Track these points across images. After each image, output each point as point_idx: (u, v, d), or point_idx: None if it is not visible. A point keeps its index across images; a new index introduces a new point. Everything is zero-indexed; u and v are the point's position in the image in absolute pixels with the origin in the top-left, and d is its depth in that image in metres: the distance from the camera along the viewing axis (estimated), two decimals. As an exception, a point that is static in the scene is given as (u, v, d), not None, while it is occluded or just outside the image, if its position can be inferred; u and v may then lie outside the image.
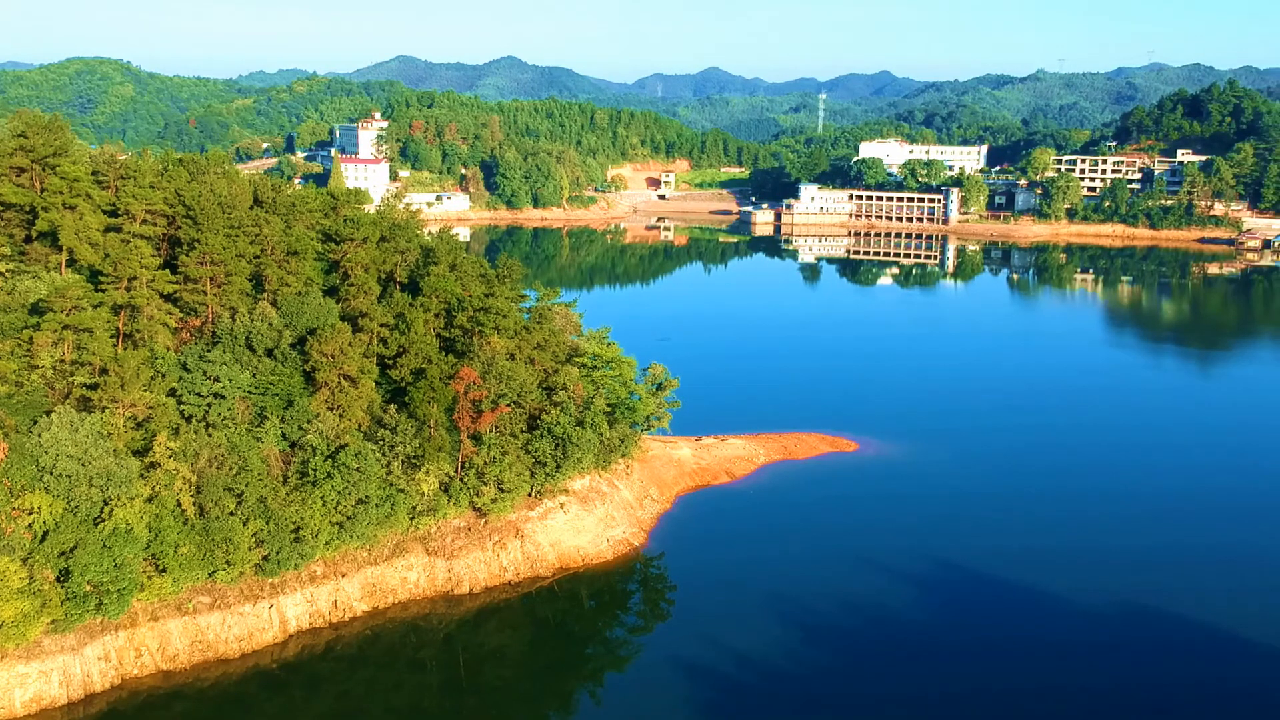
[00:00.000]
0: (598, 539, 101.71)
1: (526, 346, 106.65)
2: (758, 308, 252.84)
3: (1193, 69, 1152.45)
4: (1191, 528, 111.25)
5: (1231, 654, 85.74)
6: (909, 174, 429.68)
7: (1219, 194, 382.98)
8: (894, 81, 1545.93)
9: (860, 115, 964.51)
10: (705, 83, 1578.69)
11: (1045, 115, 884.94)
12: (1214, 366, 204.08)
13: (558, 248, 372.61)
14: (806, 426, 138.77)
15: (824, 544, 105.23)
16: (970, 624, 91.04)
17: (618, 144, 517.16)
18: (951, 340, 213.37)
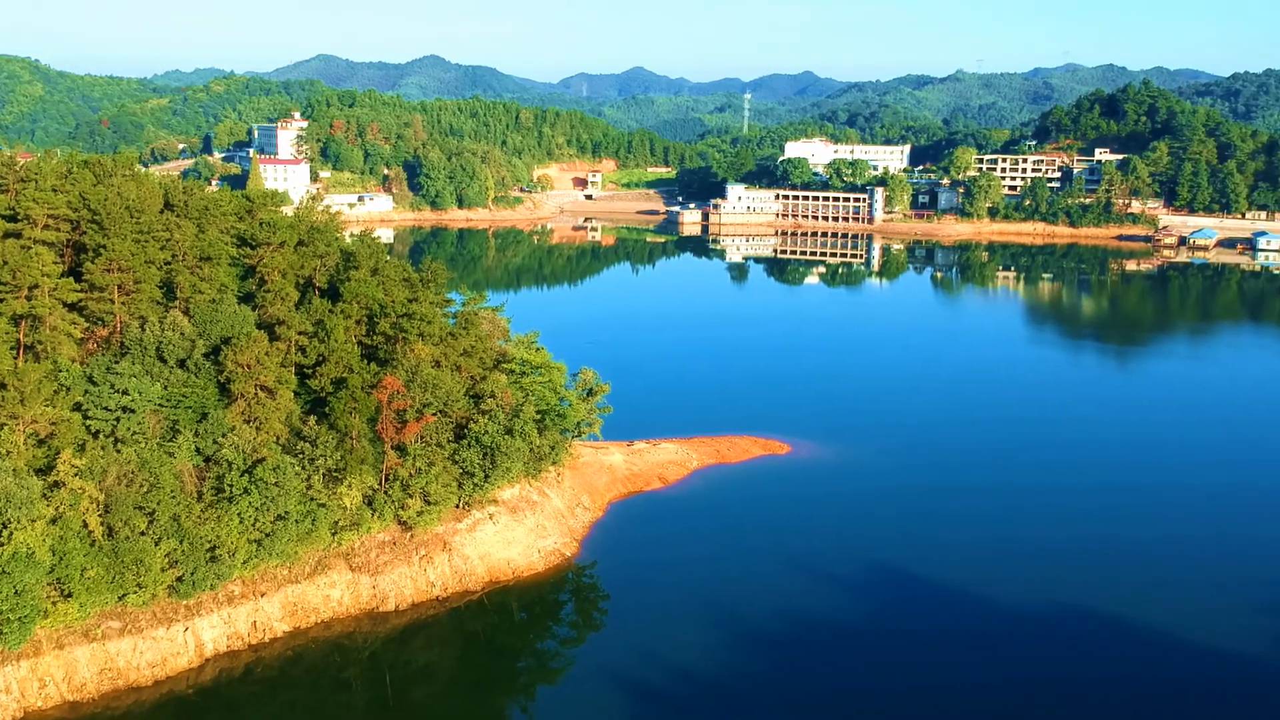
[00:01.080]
0: (528, 550, 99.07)
1: (452, 353, 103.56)
2: (687, 309, 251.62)
3: (1106, 69, 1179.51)
4: (1116, 521, 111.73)
5: (1154, 646, 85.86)
6: (834, 174, 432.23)
7: (1136, 192, 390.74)
8: (817, 81, 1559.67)
9: (785, 115, 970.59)
10: (630, 82, 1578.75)
11: (965, 115, 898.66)
12: (1133, 362, 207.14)
13: (484, 249, 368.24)
14: (739, 429, 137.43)
15: (758, 550, 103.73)
16: (905, 625, 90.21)
17: (543, 144, 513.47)
18: (880, 340, 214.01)
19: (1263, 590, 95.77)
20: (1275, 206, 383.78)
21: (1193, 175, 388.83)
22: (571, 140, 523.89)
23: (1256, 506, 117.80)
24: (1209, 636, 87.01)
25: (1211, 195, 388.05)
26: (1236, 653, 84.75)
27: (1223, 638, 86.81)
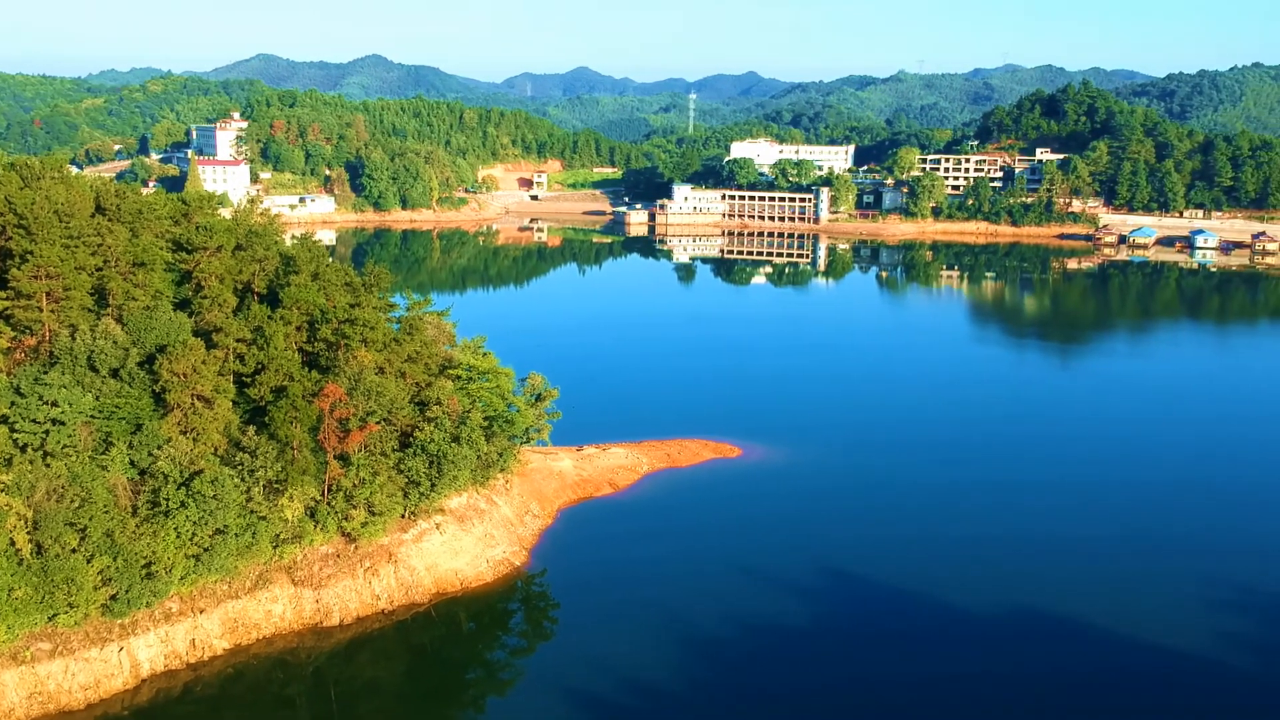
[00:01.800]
0: (477, 560, 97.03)
1: (396, 359, 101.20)
2: (636, 310, 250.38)
3: (1045, 70, 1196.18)
4: (1064, 518, 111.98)
5: (1101, 642, 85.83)
6: (780, 174, 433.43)
7: (1077, 191, 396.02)
8: (761, 82, 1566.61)
9: (729, 115, 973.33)
10: (575, 82, 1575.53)
11: (908, 115, 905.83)
12: (1075, 360, 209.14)
13: (428, 250, 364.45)
14: (689, 432, 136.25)
15: (710, 555, 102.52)
16: (857, 627, 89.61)
17: (488, 144, 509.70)
18: (827, 340, 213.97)
19: (1207, 587, 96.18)
20: (1212, 205, 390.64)
21: (1132, 175, 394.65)
22: (516, 140, 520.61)
23: (1200, 502, 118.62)
24: (1155, 633, 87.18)
25: (1150, 194, 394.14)
26: (1181, 649, 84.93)
27: (1169, 634, 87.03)
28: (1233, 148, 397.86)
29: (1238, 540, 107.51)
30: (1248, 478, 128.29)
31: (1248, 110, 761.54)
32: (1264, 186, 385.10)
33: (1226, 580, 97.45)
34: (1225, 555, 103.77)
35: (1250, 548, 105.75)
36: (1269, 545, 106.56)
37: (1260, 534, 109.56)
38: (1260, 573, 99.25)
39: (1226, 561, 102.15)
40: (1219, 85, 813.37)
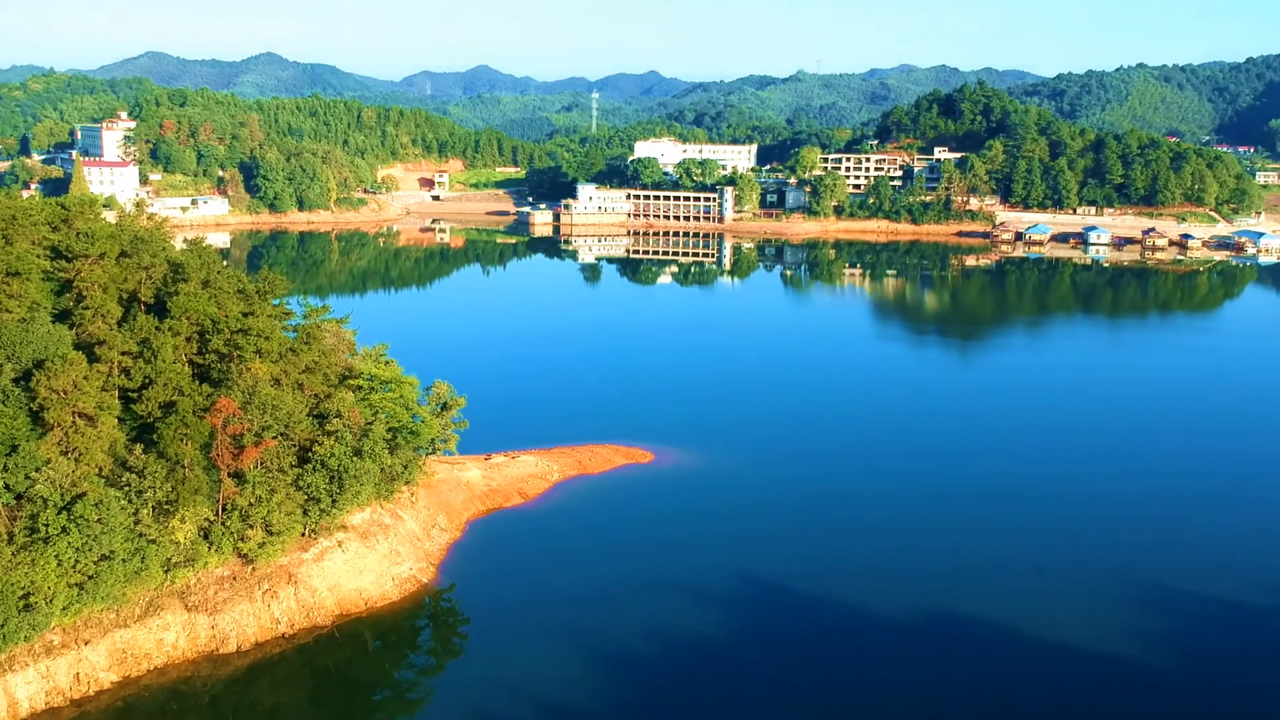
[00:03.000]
0: (382, 578, 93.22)
1: (293, 370, 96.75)
2: (541, 312, 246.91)
3: (939, 70, 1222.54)
4: (974, 520, 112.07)
5: (1021, 648, 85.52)
6: (684, 173, 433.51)
7: (974, 189, 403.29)
8: (662, 81, 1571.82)
9: (632, 115, 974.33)
10: (475, 81, 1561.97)
11: (807, 114, 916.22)
12: (975, 356, 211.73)
13: (326, 253, 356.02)
14: (600, 437, 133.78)
15: (623, 566, 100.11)
16: (775, 638, 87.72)
17: (387, 143, 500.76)
18: (734, 340, 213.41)
19: (1127, 588, 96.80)
20: (1104, 202, 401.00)
21: (1027, 173, 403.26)
22: (416, 140, 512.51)
23: (1113, 500, 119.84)
24: (1076, 635, 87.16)
25: (1045, 192, 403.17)
26: (1102, 651, 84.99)
27: (1088, 636, 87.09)
28: (1123, 146, 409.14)
29: (1155, 538, 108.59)
30: (1154, 473, 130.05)
31: (1133, 109, 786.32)
32: (1152, 183, 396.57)
33: (1147, 580, 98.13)
34: (1142, 553, 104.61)
35: (1166, 545, 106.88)
36: (1185, 541, 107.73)
37: (1174, 530, 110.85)
38: (1177, 571, 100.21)
39: (1145, 560, 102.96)
40: (1106, 85, 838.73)
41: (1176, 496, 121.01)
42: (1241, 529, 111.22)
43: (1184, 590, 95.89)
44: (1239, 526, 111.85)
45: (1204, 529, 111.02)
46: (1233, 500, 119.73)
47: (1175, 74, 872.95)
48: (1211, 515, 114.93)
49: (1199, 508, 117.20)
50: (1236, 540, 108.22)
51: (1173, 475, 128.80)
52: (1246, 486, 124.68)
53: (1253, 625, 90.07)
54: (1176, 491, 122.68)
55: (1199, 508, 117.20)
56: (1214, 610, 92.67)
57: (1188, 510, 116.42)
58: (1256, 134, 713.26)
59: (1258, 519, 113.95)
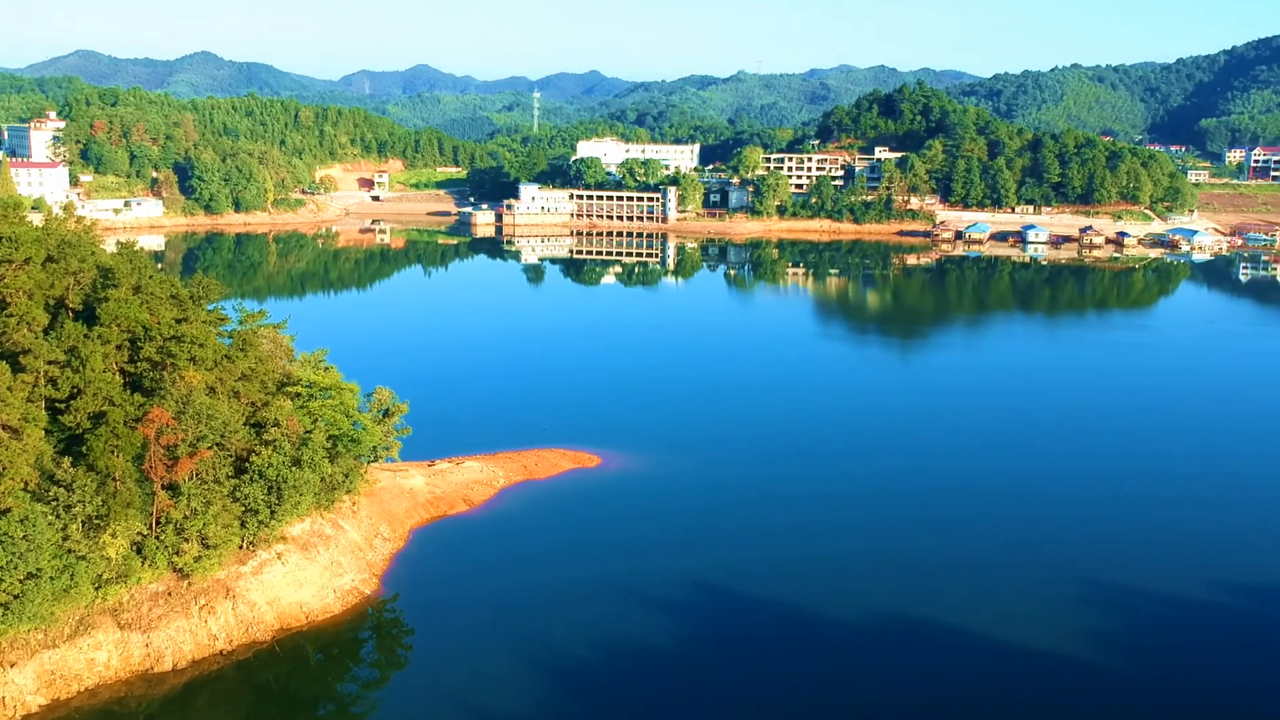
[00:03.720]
0: (323, 590, 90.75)
1: (229, 378, 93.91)
2: (484, 314, 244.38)
3: (878, 70, 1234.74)
4: (925, 521, 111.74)
5: (970, 649, 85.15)
6: (627, 173, 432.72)
7: (914, 189, 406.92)
8: (604, 81, 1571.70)
9: (574, 114, 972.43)
10: (415, 80, 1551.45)
11: (749, 115, 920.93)
12: (917, 355, 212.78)
13: (264, 255, 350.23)
14: (546, 441, 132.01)
15: (572, 573, 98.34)
16: (725, 645, 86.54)
17: (326, 143, 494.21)
18: (679, 341, 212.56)
19: (1077, 586, 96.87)
20: (1041, 201, 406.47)
21: (966, 172, 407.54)
22: (355, 140, 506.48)
23: (1061, 497, 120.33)
24: (1029, 637, 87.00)
25: (984, 191, 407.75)
26: (1053, 653, 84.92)
27: (1041, 638, 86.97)
28: (1059, 145, 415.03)
29: (1104, 536, 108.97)
30: (1098, 470, 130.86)
31: (1068, 109, 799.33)
32: (1089, 182, 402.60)
33: (1097, 579, 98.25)
34: (1091, 551, 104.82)
35: (1114, 543, 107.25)
36: (1133, 539, 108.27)
37: (1122, 528, 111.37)
38: (1128, 569, 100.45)
39: (1094, 558, 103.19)
40: (1042, 85, 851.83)
41: (1124, 495, 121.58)
42: (1189, 526, 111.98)
43: (1135, 588, 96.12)
44: (1187, 524, 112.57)
45: (1152, 526, 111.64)
46: (1180, 498, 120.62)
47: (1109, 74, 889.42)
48: (1159, 513, 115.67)
49: (1146, 506, 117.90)
50: (1186, 538, 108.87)
51: (1117, 472, 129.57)
52: (1192, 484, 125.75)
53: (1205, 623, 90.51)
54: (1123, 489, 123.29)
55: (1146, 506, 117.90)
56: (1164, 609, 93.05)
57: (1136, 508, 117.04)
58: (1187, 133, 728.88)
59: (1205, 516, 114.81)
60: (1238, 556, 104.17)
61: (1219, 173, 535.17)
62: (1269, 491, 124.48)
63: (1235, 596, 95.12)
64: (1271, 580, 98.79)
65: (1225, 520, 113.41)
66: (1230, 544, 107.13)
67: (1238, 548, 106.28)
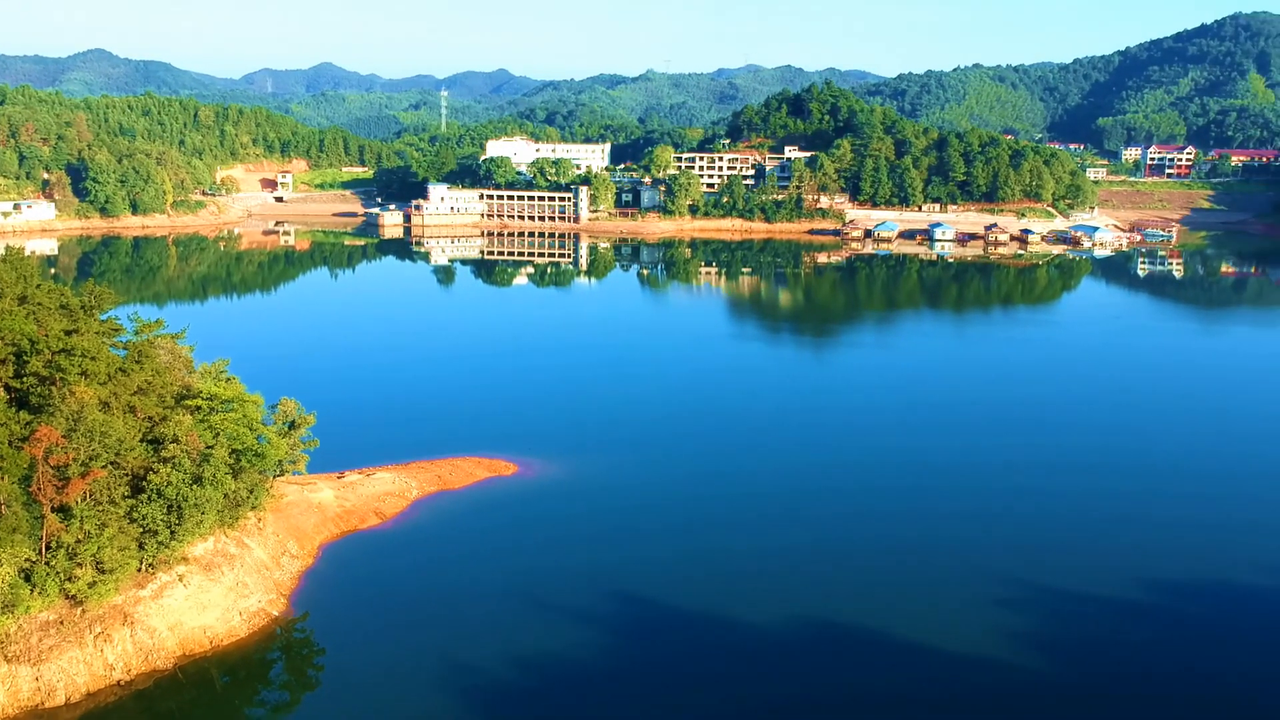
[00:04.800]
0: (228, 613, 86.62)
1: (124, 392, 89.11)
2: (394, 317, 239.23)
3: (785, 70, 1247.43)
4: (842, 521, 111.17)
5: (893, 652, 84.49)
6: (538, 173, 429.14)
7: (824, 188, 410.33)
8: (512, 79, 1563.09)
9: (482, 113, 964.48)
10: (319, 78, 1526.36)
11: (658, 114, 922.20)
12: (829, 352, 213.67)
13: (164, 258, 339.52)
14: (460, 449, 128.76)
15: (490, 587, 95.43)
16: (648, 658, 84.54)
17: (227, 143, 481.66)
18: (594, 342, 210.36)
19: (995, 585, 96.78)
20: (948, 199, 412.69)
21: (874, 171, 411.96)
22: (258, 139, 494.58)
23: (971, 494, 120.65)
24: (941, 638, 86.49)
25: (892, 190, 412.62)
26: (967, 654, 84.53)
27: (954, 638, 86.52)
28: (964, 144, 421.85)
29: (1011, 533, 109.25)
30: (1010, 464, 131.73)
31: (971, 108, 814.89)
32: (994, 180, 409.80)
33: (1007, 576, 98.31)
34: (999, 549, 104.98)
35: (1021, 539, 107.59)
36: (1040, 536, 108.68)
37: (1028, 523, 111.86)
38: (1035, 565, 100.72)
39: (1003, 556, 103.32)
40: (945, 85, 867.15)
41: (1035, 488, 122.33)
42: (1105, 519, 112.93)
43: (1051, 585, 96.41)
44: (1102, 517, 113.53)
45: (1065, 523, 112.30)
46: (1094, 491, 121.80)
47: (1009, 74, 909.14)
48: (1071, 506, 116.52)
49: (1059, 500, 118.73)
50: (1102, 531, 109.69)
51: (1025, 468, 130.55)
52: (1105, 476, 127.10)
53: (1124, 618, 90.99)
54: (1035, 483, 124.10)
55: (1059, 500, 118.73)
56: (1077, 606, 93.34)
57: (1047, 504, 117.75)
58: (1085, 132, 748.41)
59: (1122, 509, 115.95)
60: (1156, 550, 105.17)
61: (1116, 170, 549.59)
62: (1183, 483, 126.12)
63: (1151, 592, 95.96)
64: (1184, 573, 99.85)
65: (1144, 513, 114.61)
66: (1149, 537, 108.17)
67: (1156, 541, 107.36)
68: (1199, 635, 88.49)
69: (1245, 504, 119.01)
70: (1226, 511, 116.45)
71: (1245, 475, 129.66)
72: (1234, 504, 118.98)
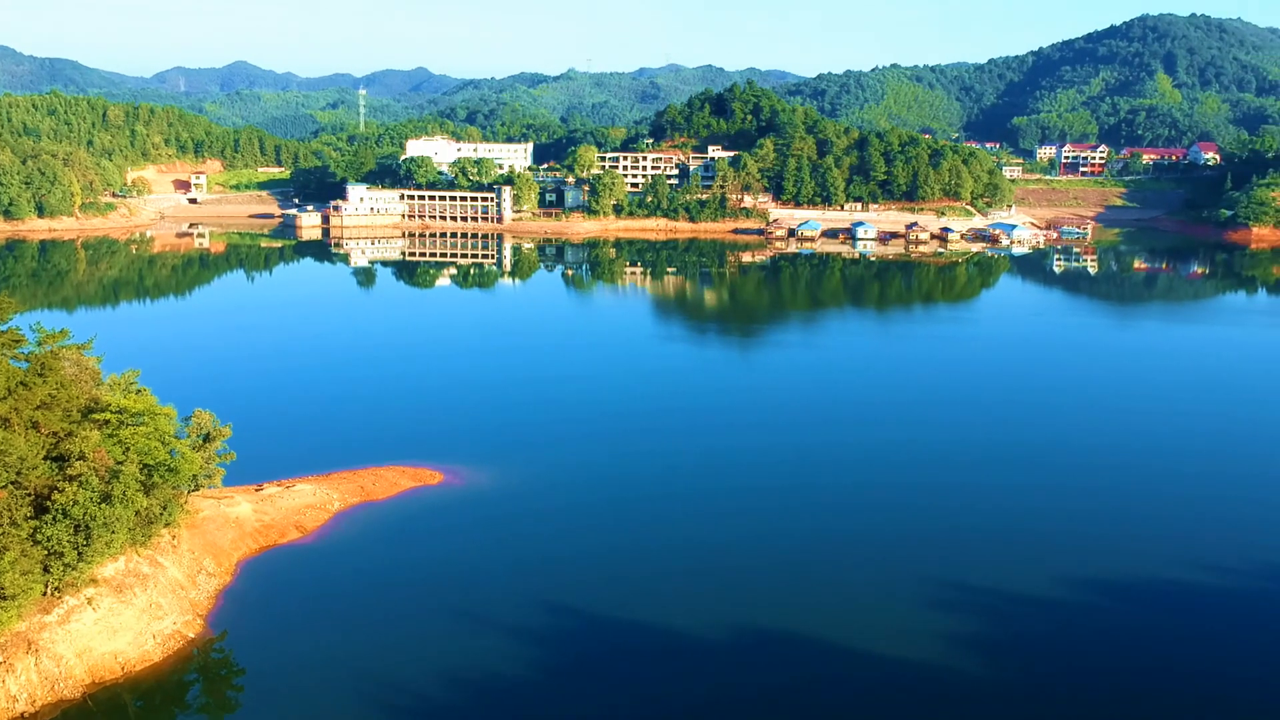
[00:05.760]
0: (141, 636, 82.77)
1: (25, 408, 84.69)
2: (313, 321, 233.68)
3: (706, 70, 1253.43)
4: (769, 524, 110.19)
5: (821, 653, 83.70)
6: (460, 172, 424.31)
7: (747, 187, 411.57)
8: (431, 78, 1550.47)
9: (402, 112, 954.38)
10: (233, 77, 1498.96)
11: (580, 113, 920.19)
12: (754, 352, 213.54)
13: (72, 263, 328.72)
14: (383, 459, 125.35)
15: (416, 602, 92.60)
16: (579, 670, 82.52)
17: (138, 144, 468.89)
18: (520, 344, 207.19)
19: (928, 587, 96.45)
20: (869, 198, 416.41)
21: (797, 170, 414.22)
22: (170, 140, 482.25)
23: (897, 493, 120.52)
24: (874, 641, 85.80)
25: (814, 189, 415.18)
26: (902, 657, 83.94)
27: (888, 640, 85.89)
28: (885, 144, 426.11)
29: (942, 532, 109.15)
30: (935, 462, 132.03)
31: (889, 108, 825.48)
32: (913, 179, 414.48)
33: (940, 578, 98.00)
34: (932, 549, 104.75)
35: (953, 539, 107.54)
36: (971, 535, 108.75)
37: (959, 521, 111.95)
38: (968, 566, 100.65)
39: (936, 556, 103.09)
40: (864, 85, 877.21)
41: (954, 484, 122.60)
42: (1027, 515, 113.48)
43: (975, 585, 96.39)
44: (1025, 513, 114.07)
45: (996, 519, 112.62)
46: (1015, 486, 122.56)
47: (926, 74, 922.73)
48: (992, 503, 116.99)
49: (980, 495, 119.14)
50: (1024, 527, 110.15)
51: (947, 463, 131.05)
52: (1027, 471, 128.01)
53: (1048, 617, 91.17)
54: (960, 479, 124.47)
55: (980, 495, 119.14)
56: (1011, 606, 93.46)
57: (978, 499, 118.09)
58: (1000, 131, 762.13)
59: (1043, 505, 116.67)
60: (1073, 547, 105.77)
61: (1032, 169, 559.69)
62: (1097, 476, 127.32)
63: (1070, 590, 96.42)
64: (1091, 567, 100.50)
65: (1065, 508, 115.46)
66: (1068, 535, 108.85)
67: (1075, 538, 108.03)
68: (1105, 630, 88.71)
69: (1159, 499, 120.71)
70: (1140, 504, 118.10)
71: (1146, 469, 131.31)
72: (1146, 498, 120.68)
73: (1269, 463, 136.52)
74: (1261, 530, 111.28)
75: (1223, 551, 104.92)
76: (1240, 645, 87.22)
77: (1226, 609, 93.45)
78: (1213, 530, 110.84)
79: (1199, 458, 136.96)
